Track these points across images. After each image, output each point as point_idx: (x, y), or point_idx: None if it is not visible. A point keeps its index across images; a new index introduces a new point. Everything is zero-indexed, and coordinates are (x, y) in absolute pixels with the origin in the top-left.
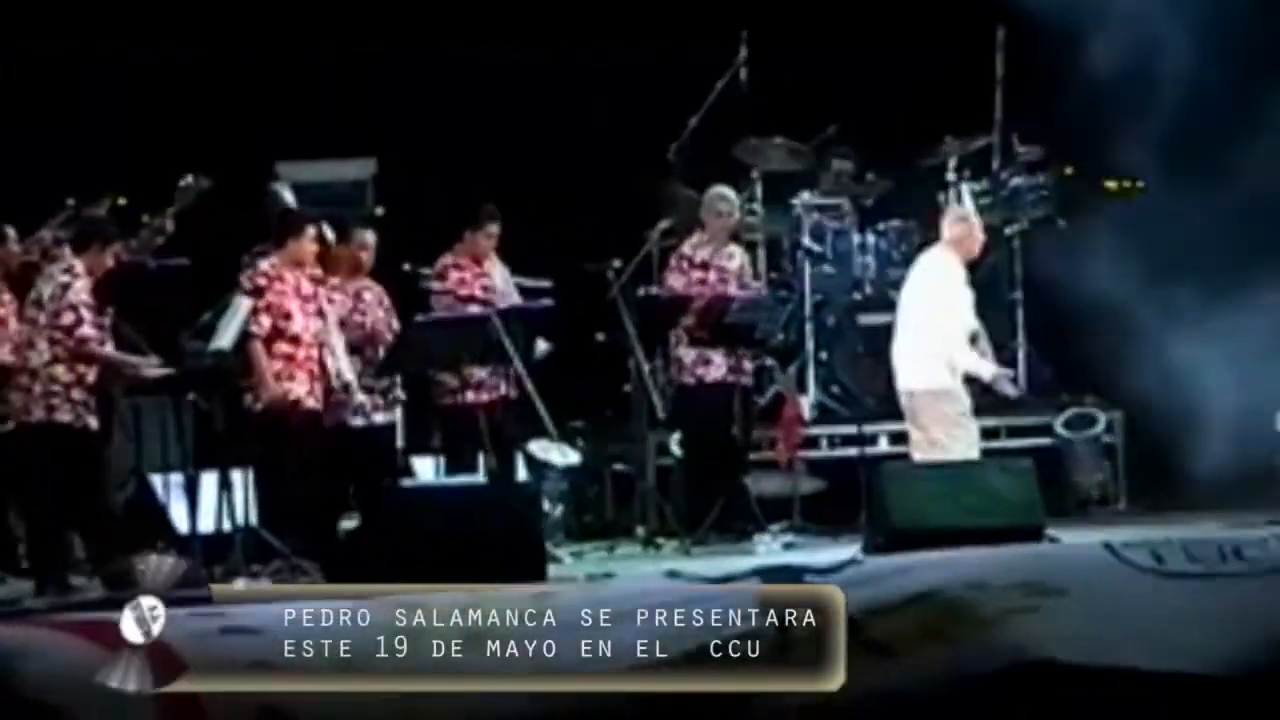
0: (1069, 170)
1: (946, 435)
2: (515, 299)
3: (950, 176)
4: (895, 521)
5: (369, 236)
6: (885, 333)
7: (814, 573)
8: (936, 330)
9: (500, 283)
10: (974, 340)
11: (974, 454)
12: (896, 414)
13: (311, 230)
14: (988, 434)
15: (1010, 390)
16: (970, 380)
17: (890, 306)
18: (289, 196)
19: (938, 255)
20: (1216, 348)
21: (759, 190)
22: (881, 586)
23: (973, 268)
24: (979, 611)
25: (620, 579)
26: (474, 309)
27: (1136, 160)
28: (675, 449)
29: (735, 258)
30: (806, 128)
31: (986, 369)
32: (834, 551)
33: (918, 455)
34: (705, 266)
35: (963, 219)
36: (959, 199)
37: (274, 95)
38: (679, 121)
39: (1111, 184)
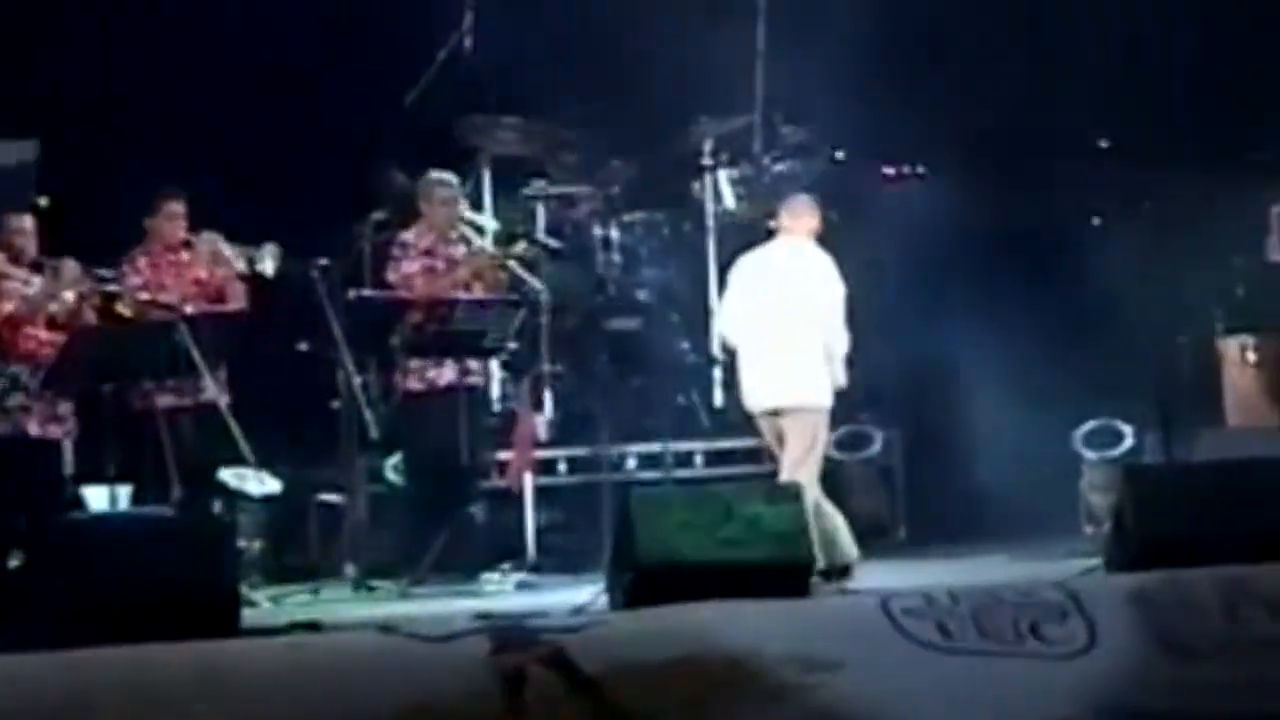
0: (840, 155)
1: (812, 454)
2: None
3: (706, 161)
4: (643, 557)
5: (26, 221)
6: (633, 340)
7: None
8: (822, 336)
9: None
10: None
11: None
12: (645, 434)
13: None
14: (748, 456)
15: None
16: None
17: (637, 310)
18: None
19: (804, 251)
20: (1008, 358)
21: (486, 176)
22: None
23: None
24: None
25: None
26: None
27: (917, 146)
28: (391, 474)
29: (463, 247)
30: (542, 105)
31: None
32: (573, 592)
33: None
34: (430, 254)
35: (811, 206)
36: (715, 187)
37: None
38: (394, 98)
39: (890, 171)
